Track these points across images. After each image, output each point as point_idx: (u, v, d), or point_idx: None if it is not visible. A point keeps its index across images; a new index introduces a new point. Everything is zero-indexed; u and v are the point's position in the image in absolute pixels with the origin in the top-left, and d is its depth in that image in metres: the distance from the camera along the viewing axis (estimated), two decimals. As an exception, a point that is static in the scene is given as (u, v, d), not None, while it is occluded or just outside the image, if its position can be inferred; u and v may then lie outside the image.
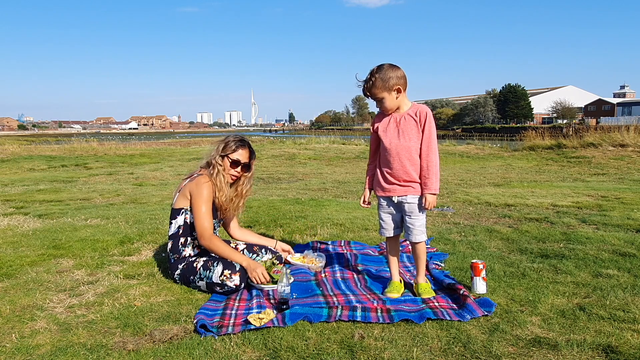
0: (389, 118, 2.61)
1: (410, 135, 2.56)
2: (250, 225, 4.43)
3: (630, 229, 4.12)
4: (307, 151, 16.23)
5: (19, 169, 11.83)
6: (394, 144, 2.58)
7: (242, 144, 2.98)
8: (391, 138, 2.59)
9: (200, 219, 2.81)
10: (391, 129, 2.60)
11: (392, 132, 2.59)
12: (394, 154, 2.57)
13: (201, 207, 2.82)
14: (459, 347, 2.02)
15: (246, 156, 2.98)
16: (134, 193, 7.19)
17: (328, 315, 2.31)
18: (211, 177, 2.89)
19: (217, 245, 2.81)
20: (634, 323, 2.20)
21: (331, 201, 5.90)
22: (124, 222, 4.61)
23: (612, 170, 10.08)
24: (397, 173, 2.59)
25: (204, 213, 2.81)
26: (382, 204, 2.72)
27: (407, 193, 2.60)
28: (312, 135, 24.76)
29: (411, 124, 2.56)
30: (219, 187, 2.89)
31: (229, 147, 2.95)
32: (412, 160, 2.57)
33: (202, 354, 1.97)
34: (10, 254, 3.47)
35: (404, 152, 2.56)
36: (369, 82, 2.53)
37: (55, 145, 21.46)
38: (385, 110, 2.60)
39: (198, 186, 2.85)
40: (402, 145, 2.56)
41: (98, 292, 2.71)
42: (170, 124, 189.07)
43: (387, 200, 2.68)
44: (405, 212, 2.64)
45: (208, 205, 2.85)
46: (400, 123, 2.58)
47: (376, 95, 2.55)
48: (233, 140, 2.98)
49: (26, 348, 2.03)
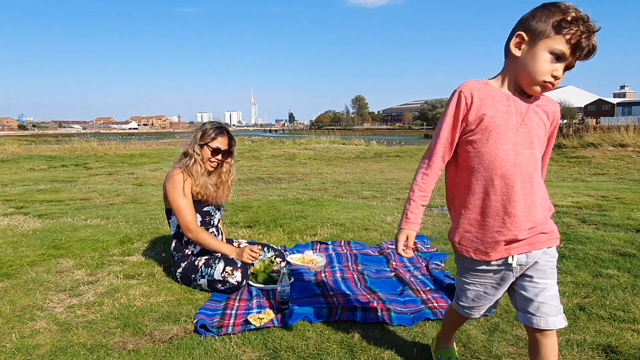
0: (507, 102, 1.48)
1: (541, 141, 1.52)
2: (250, 225, 4.43)
3: (630, 229, 4.12)
4: (307, 151, 16.24)
5: (19, 169, 11.82)
6: (521, 155, 1.46)
7: (220, 131, 2.90)
8: (516, 143, 1.46)
9: (180, 213, 2.77)
10: (513, 125, 1.47)
11: (516, 132, 1.47)
12: (519, 175, 1.46)
13: (178, 202, 2.77)
14: (459, 347, 2.02)
15: (226, 143, 2.91)
16: (134, 193, 7.19)
17: (328, 315, 2.31)
18: (186, 168, 2.81)
19: (203, 237, 2.79)
20: (634, 323, 2.20)
21: (331, 201, 5.90)
22: (124, 222, 4.61)
23: (612, 170, 10.08)
24: (526, 212, 1.47)
25: (182, 207, 2.77)
26: (482, 269, 1.57)
27: (543, 245, 1.52)
28: (312, 135, 24.78)
29: (541, 124, 1.51)
30: (195, 177, 2.82)
31: (208, 135, 2.86)
32: (542, 186, 1.55)
33: (202, 354, 1.97)
34: (10, 254, 3.47)
35: (535, 173, 1.50)
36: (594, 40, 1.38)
37: (55, 145, 21.47)
38: (545, 88, 1.45)
39: (169, 181, 2.80)
40: (533, 158, 1.49)
41: (98, 292, 2.71)
42: (170, 124, 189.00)
43: (497, 264, 1.54)
44: (530, 276, 1.54)
45: (185, 198, 2.79)
46: (527, 118, 1.49)
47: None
48: (211, 128, 2.89)
49: (26, 348, 2.03)
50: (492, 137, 1.46)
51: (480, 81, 1.52)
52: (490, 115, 1.45)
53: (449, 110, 1.50)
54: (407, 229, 1.57)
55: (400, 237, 1.58)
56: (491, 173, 1.47)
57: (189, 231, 2.78)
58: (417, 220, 1.57)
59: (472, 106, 1.46)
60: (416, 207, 1.57)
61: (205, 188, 2.86)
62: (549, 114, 1.54)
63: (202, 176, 2.85)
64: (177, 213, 2.80)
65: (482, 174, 1.48)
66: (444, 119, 1.52)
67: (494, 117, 1.45)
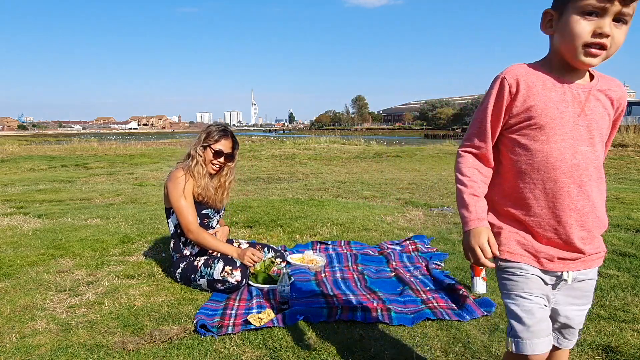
0: (562, 89, 1.24)
1: (603, 134, 1.29)
2: (250, 225, 4.43)
3: (630, 229, 4.12)
4: (307, 151, 16.24)
5: (19, 169, 11.82)
6: (580, 154, 1.24)
7: (224, 133, 2.91)
8: (574, 139, 1.24)
9: (181, 214, 2.77)
10: (570, 117, 1.24)
11: (574, 126, 1.24)
12: (576, 178, 1.24)
13: (179, 202, 2.77)
14: (459, 347, 2.02)
15: (229, 146, 2.91)
16: (133, 193, 7.19)
17: (328, 315, 2.31)
18: (188, 169, 2.82)
19: (204, 238, 2.78)
20: (634, 323, 2.20)
21: (331, 201, 5.90)
22: (124, 222, 4.61)
23: (612, 170, 10.08)
24: (583, 222, 1.27)
25: (183, 207, 2.77)
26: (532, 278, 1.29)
27: (594, 263, 1.33)
28: (312, 135, 24.78)
29: (604, 113, 1.28)
30: (196, 178, 2.82)
31: (212, 137, 2.87)
32: (603, 189, 1.31)
33: (202, 354, 1.97)
34: (10, 254, 3.47)
35: (596, 175, 1.27)
36: None
37: (55, 145, 21.47)
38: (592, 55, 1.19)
39: (172, 181, 2.81)
40: (594, 156, 1.26)
41: (98, 292, 2.71)
42: (170, 124, 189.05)
43: (548, 277, 1.31)
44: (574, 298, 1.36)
45: (187, 198, 2.79)
46: (587, 107, 1.25)
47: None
48: (215, 130, 2.90)
49: (26, 348, 2.03)
50: (543, 133, 1.24)
51: (528, 65, 1.29)
52: (540, 106, 1.23)
53: (489, 101, 1.28)
54: (485, 227, 1.27)
55: (480, 239, 1.24)
56: (542, 176, 1.25)
57: (190, 232, 2.78)
58: (486, 217, 1.30)
59: (517, 96, 1.25)
60: (482, 203, 1.30)
61: (206, 190, 2.86)
62: (614, 100, 1.29)
63: (204, 177, 2.85)
64: (178, 213, 2.79)
65: (531, 177, 1.26)
66: (483, 110, 1.30)
67: (546, 108, 1.23)
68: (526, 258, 1.29)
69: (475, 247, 1.24)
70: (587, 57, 1.19)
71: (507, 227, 1.32)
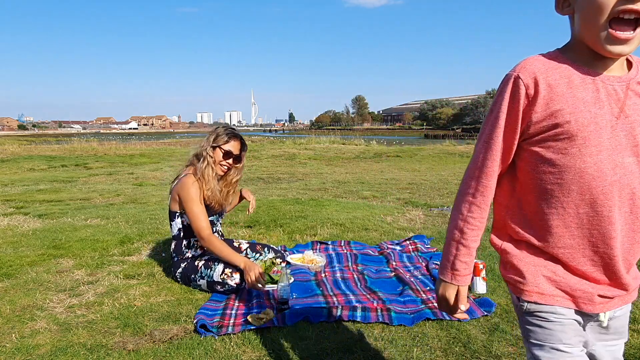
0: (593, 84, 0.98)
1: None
2: (250, 225, 4.44)
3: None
4: (307, 151, 16.25)
5: (19, 169, 11.82)
6: (621, 167, 0.98)
7: (234, 135, 2.93)
8: (613, 150, 0.98)
9: (195, 220, 2.76)
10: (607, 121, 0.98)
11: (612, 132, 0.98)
12: (617, 197, 0.99)
13: (193, 209, 2.76)
14: (459, 347, 2.02)
15: (238, 147, 2.93)
16: (133, 193, 7.19)
17: (328, 315, 2.31)
18: (200, 173, 2.82)
19: (215, 245, 2.75)
20: (634, 323, 2.20)
21: (331, 201, 5.90)
22: (124, 222, 4.61)
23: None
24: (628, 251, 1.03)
25: (197, 213, 2.76)
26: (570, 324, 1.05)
27: (632, 297, 1.09)
28: (312, 135, 24.81)
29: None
30: (206, 180, 2.82)
31: (221, 138, 2.88)
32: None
33: (202, 354, 1.97)
34: (10, 254, 3.47)
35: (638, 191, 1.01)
36: None
37: (55, 145, 21.47)
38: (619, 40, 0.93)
39: (185, 189, 2.78)
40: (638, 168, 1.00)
41: (98, 292, 2.71)
42: (170, 124, 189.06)
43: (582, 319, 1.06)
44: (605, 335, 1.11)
45: (200, 204, 2.79)
46: (627, 106, 0.99)
47: None
48: (224, 132, 2.92)
49: (26, 348, 2.03)
50: (574, 145, 0.96)
51: (545, 56, 1.01)
52: (568, 110, 0.96)
53: (501, 108, 1.01)
54: (456, 283, 1.10)
55: (447, 293, 1.10)
56: (575, 198, 0.98)
57: (202, 238, 2.75)
58: (469, 271, 1.10)
59: (536, 99, 0.97)
60: (467, 253, 1.08)
61: (214, 193, 2.87)
62: None
63: (213, 179, 2.86)
64: (192, 220, 2.77)
65: (560, 200, 1.00)
66: (493, 120, 1.03)
67: (575, 112, 0.96)
68: (561, 299, 1.03)
69: (446, 299, 1.12)
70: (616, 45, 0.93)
71: (531, 259, 1.05)
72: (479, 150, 1.06)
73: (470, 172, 1.08)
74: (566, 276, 1.03)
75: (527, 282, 1.05)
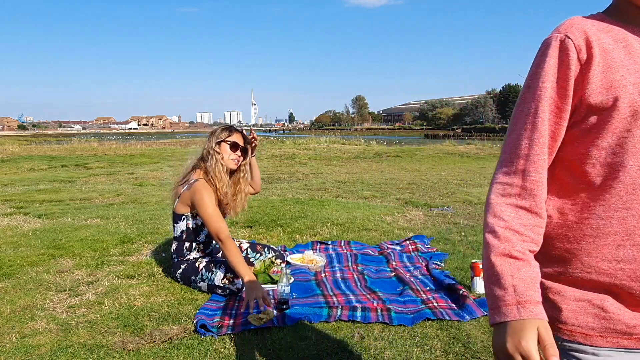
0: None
1: None
2: (250, 225, 4.44)
3: None
4: (307, 151, 16.25)
5: (19, 169, 11.82)
6: None
7: (234, 128, 3.00)
8: None
9: (212, 222, 2.70)
10: None
11: None
12: None
13: (208, 212, 2.71)
14: (459, 347, 2.02)
15: (241, 139, 2.97)
16: (134, 193, 7.19)
17: (328, 315, 2.31)
18: (208, 173, 2.81)
19: (230, 248, 2.62)
20: None
21: (331, 201, 5.90)
22: (124, 222, 4.61)
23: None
24: None
25: (212, 216, 2.71)
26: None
27: None
28: (312, 135, 24.81)
29: None
30: (218, 178, 2.81)
31: (223, 133, 2.93)
32: None
33: (202, 354, 1.97)
34: (10, 254, 3.47)
35: None
36: None
37: (55, 145, 21.47)
38: None
39: (199, 193, 2.73)
40: None
41: (98, 292, 2.71)
42: (170, 124, 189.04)
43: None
44: None
45: (215, 206, 2.75)
46: None
47: None
48: (224, 128, 2.98)
49: (26, 348, 2.03)
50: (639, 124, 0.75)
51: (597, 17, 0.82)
52: (632, 80, 0.76)
53: (546, 78, 0.78)
54: (533, 318, 0.73)
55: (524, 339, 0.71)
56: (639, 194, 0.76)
57: (221, 240, 2.65)
58: (538, 296, 0.76)
59: (590, 65, 0.76)
60: (528, 270, 0.77)
61: (224, 193, 2.85)
62: None
63: (225, 175, 2.85)
64: (208, 223, 2.71)
65: (621, 199, 0.77)
66: (536, 95, 0.79)
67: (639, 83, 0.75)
68: (611, 340, 0.79)
69: (516, 355, 0.71)
70: None
71: (570, 287, 0.82)
72: (520, 135, 0.80)
73: (508, 165, 0.81)
74: (620, 310, 0.79)
75: (565, 319, 0.82)
